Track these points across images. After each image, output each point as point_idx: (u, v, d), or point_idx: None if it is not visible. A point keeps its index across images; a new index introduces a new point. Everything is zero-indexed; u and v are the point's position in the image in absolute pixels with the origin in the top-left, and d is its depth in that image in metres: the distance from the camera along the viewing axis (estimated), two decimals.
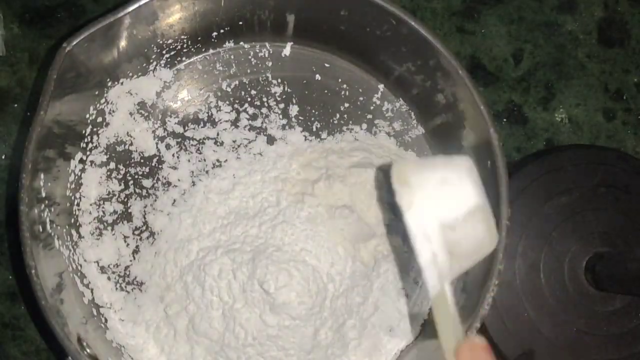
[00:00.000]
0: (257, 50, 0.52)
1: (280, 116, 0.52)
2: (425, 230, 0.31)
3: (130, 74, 0.49)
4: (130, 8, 0.44)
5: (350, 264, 0.46)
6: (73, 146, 0.47)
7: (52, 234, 0.45)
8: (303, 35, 0.52)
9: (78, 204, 0.48)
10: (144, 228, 0.49)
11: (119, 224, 0.49)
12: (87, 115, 0.48)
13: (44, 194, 0.44)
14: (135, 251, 0.48)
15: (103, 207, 0.49)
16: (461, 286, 0.47)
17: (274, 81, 0.52)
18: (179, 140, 0.51)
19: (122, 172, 0.50)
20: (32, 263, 0.40)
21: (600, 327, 0.50)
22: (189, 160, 0.50)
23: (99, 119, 0.49)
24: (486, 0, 0.59)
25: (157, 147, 0.50)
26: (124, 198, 0.49)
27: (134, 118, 0.50)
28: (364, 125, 0.52)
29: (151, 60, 0.50)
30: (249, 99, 0.52)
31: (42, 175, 0.43)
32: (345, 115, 0.52)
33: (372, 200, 0.48)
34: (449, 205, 0.32)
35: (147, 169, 0.50)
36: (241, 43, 0.52)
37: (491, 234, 0.33)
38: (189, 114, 0.51)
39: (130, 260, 0.48)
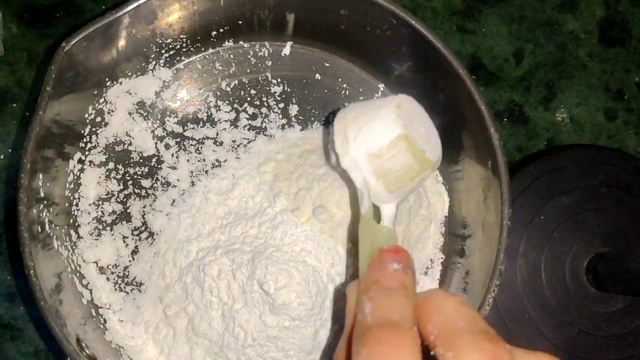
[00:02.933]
0: (257, 50, 0.52)
1: (280, 116, 0.51)
2: (355, 161, 0.38)
3: (129, 74, 0.49)
4: (129, 7, 0.44)
5: (351, 264, 0.46)
6: (72, 146, 0.47)
7: (51, 234, 0.45)
8: (303, 35, 0.51)
9: (77, 204, 0.48)
10: (143, 228, 0.49)
11: (118, 224, 0.48)
12: (86, 115, 0.48)
13: (42, 194, 0.44)
14: (135, 251, 0.48)
15: (102, 207, 0.49)
16: (463, 286, 0.47)
17: (274, 81, 0.52)
18: (178, 140, 0.50)
19: (121, 172, 0.49)
20: (30, 263, 0.40)
21: (601, 328, 0.50)
22: (188, 160, 0.50)
23: (98, 119, 0.49)
24: None
25: (156, 147, 0.50)
26: (123, 198, 0.49)
27: (133, 118, 0.50)
28: None
29: (150, 60, 0.50)
30: (248, 99, 0.51)
31: (40, 176, 0.43)
32: None
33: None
34: (374, 138, 0.38)
35: (146, 169, 0.50)
36: (241, 42, 0.52)
37: (419, 159, 0.38)
38: (188, 114, 0.51)
39: (130, 261, 0.48)
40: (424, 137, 0.39)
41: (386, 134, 0.37)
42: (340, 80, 0.52)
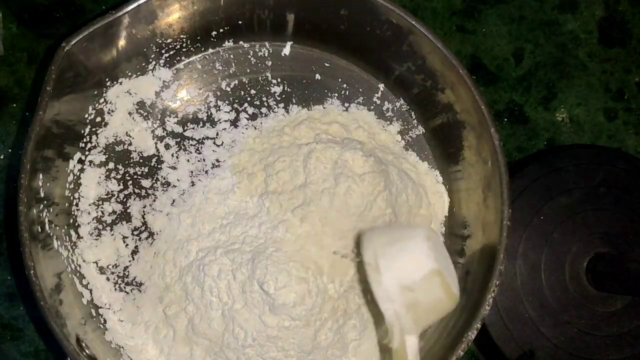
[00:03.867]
0: (257, 50, 0.52)
1: (280, 116, 0.51)
2: (388, 293, 0.38)
3: (130, 74, 0.49)
4: (129, 7, 0.44)
5: (351, 264, 0.46)
6: (72, 146, 0.47)
7: (51, 235, 0.45)
8: (303, 35, 0.51)
9: (77, 204, 0.48)
10: (143, 228, 0.49)
11: (118, 224, 0.48)
12: (86, 115, 0.48)
13: (42, 194, 0.44)
14: (135, 251, 0.48)
15: (102, 208, 0.49)
16: (462, 286, 0.47)
17: (274, 81, 0.52)
18: (178, 140, 0.50)
19: (121, 172, 0.49)
20: (31, 264, 0.40)
21: (601, 328, 0.50)
22: (188, 160, 0.50)
23: (98, 119, 0.49)
24: None
25: (156, 147, 0.50)
26: (123, 198, 0.49)
27: (133, 118, 0.50)
28: None
29: (150, 60, 0.50)
30: (248, 99, 0.51)
31: (41, 176, 0.43)
32: None
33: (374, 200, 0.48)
34: (407, 271, 0.38)
35: (146, 169, 0.50)
36: (241, 42, 0.52)
37: (449, 294, 0.38)
38: (188, 114, 0.51)
39: (130, 261, 0.48)
40: (450, 271, 0.39)
41: (420, 267, 0.38)
42: (340, 80, 0.52)
